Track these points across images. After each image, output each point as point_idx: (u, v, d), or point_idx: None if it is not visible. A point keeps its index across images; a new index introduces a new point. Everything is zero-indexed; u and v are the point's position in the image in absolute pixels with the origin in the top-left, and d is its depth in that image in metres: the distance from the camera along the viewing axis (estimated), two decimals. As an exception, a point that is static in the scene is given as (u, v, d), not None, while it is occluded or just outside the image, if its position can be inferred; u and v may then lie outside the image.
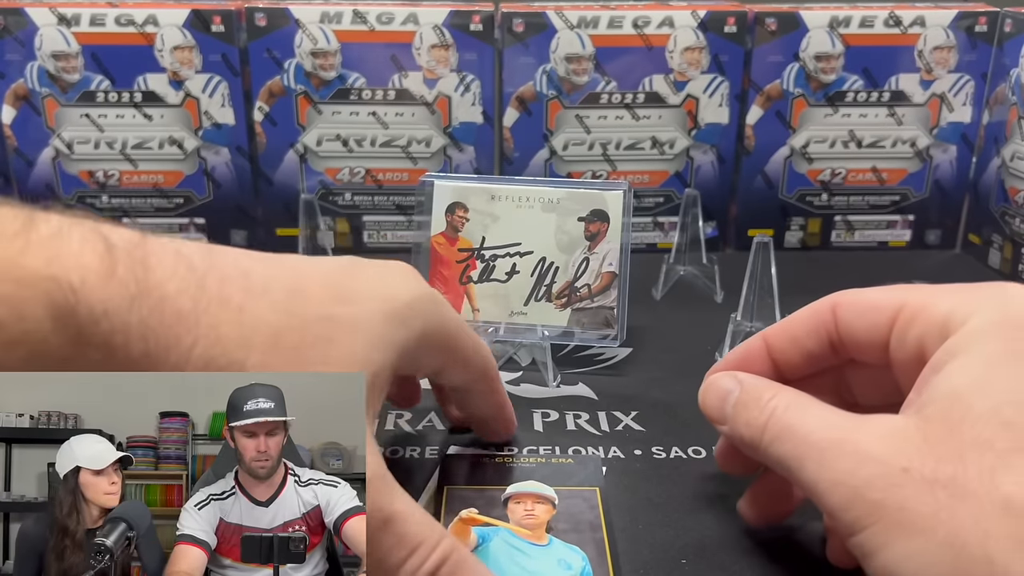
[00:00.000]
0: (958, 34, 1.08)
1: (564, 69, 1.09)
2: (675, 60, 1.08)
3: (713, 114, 1.11)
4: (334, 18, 1.07)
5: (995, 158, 1.09)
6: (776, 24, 1.08)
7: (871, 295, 0.50)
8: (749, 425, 0.49)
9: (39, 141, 1.11)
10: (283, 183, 1.13)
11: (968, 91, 1.10)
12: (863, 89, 1.10)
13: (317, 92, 1.09)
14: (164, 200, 1.14)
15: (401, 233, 1.16)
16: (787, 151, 1.13)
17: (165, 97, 1.09)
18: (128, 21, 1.06)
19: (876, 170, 1.14)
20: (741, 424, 0.50)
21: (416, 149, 1.12)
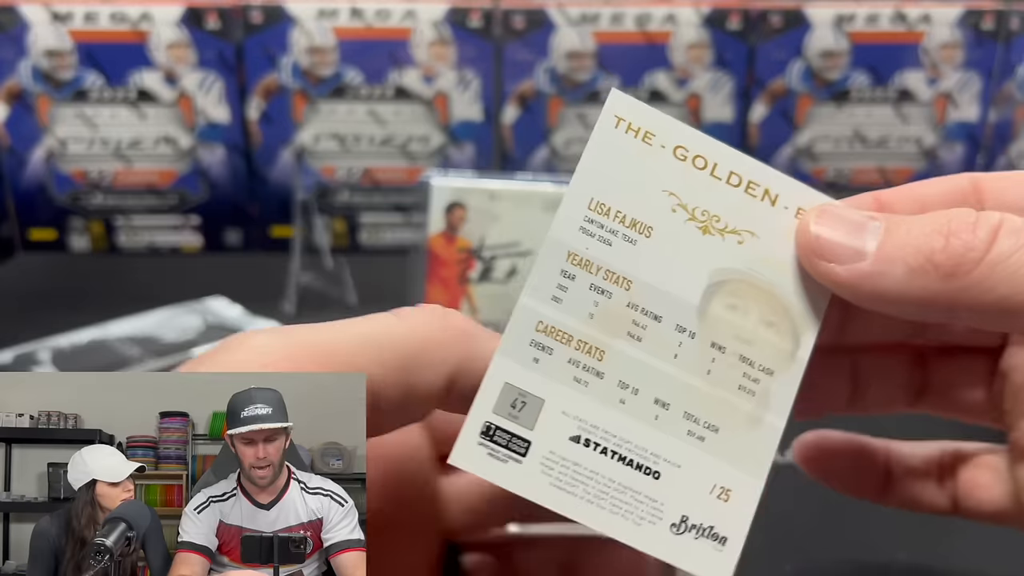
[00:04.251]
0: (964, 31, 1.07)
1: (565, 66, 1.07)
2: (678, 57, 1.07)
3: (717, 112, 1.10)
4: (331, 14, 1.05)
5: (1002, 156, 1.08)
6: (781, 21, 1.07)
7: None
8: (956, 254, 0.29)
9: (32, 140, 1.09)
10: (279, 182, 1.12)
11: (974, 89, 1.10)
12: (868, 87, 1.09)
13: (314, 89, 1.08)
14: (158, 199, 1.13)
15: (398, 233, 1.15)
16: (792, 149, 1.12)
17: (159, 95, 1.08)
18: (122, 18, 1.05)
19: (882, 169, 1.13)
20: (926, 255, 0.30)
21: (414, 147, 1.11)
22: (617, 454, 0.31)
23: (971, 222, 0.29)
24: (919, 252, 0.30)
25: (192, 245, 1.16)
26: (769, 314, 0.32)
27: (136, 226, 1.14)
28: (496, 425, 0.30)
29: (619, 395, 0.31)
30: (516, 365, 0.31)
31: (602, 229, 0.31)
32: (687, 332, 0.31)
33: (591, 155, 0.31)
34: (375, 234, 1.15)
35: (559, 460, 0.30)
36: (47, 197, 1.12)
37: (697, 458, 0.31)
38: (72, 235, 1.14)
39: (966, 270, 0.29)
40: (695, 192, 0.32)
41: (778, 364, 0.32)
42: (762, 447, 0.31)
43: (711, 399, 0.31)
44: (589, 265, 0.31)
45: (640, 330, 0.31)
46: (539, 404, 0.31)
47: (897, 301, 0.30)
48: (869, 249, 0.30)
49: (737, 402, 0.31)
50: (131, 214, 1.13)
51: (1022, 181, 0.34)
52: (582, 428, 0.31)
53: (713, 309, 0.32)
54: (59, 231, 1.14)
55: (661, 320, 0.31)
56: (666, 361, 0.31)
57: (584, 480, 0.30)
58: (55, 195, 1.12)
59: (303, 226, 0.97)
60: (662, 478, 0.31)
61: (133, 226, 1.14)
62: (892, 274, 0.30)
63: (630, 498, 0.30)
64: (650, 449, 0.31)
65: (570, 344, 0.31)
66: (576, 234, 0.31)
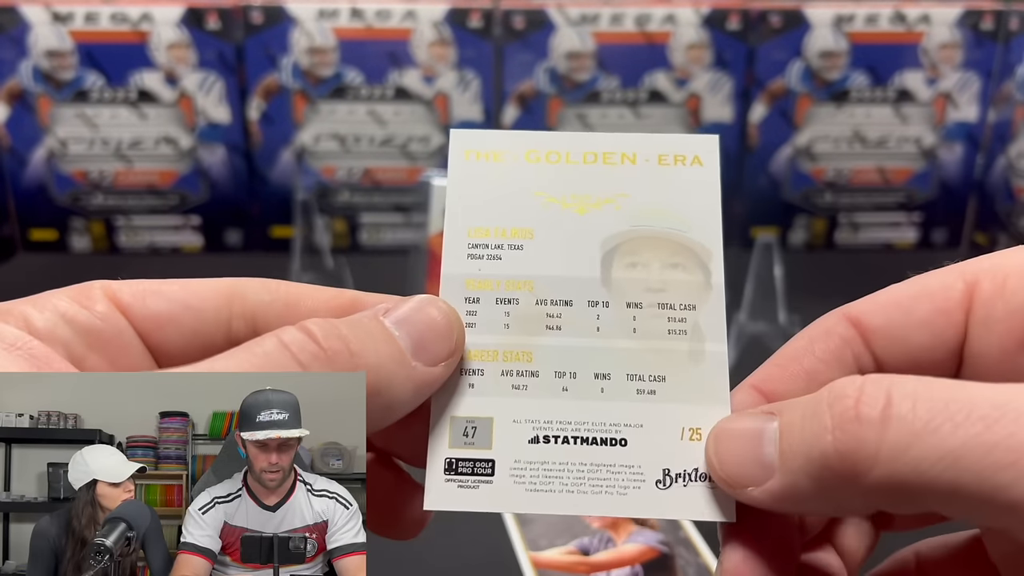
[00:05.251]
0: (964, 31, 1.07)
1: (565, 66, 1.07)
2: (677, 57, 1.07)
3: (716, 112, 1.10)
4: (331, 15, 1.05)
5: (1001, 157, 1.08)
6: (780, 21, 1.07)
7: (901, 291, 0.32)
8: (849, 455, 0.25)
9: (32, 140, 1.09)
10: (279, 182, 1.12)
11: (974, 89, 1.09)
12: (868, 87, 1.09)
13: (314, 89, 1.08)
14: (159, 200, 1.13)
15: (399, 233, 1.15)
16: (791, 150, 1.12)
17: (160, 95, 1.08)
18: (122, 18, 1.05)
19: (881, 170, 1.13)
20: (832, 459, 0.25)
21: (414, 147, 1.11)
22: (578, 438, 0.31)
23: (850, 406, 0.25)
24: (810, 460, 0.26)
25: (192, 245, 1.16)
26: (669, 257, 0.33)
27: (137, 226, 1.14)
28: (456, 458, 0.31)
29: (560, 384, 0.31)
30: (455, 397, 0.32)
31: (488, 248, 0.33)
32: (600, 304, 0.32)
33: (453, 190, 0.34)
34: (375, 234, 1.15)
35: (526, 465, 0.31)
36: (48, 197, 1.12)
37: (655, 411, 0.31)
38: (73, 235, 1.14)
39: (865, 469, 0.24)
40: (558, 183, 0.33)
41: (697, 297, 0.33)
42: (713, 375, 0.32)
43: (647, 353, 0.32)
44: (488, 283, 0.32)
45: (556, 320, 0.32)
46: (489, 423, 0.31)
47: (818, 510, 0.29)
48: (773, 461, 0.27)
49: (672, 346, 0.32)
50: (132, 214, 1.13)
51: (912, 304, 0.31)
52: (537, 428, 0.31)
53: (615, 274, 0.33)
54: (60, 231, 1.14)
55: (572, 304, 0.32)
56: (591, 337, 0.32)
57: (557, 474, 0.31)
58: (56, 195, 1.12)
59: (303, 226, 0.97)
60: (630, 443, 0.31)
61: (134, 226, 1.14)
62: (800, 486, 0.26)
63: (607, 473, 0.31)
64: (608, 421, 0.31)
65: (497, 359, 0.32)
66: (466, 262, 0.32)
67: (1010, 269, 0.30)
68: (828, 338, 0.31)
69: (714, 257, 0.33)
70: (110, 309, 0.32)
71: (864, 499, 0.25)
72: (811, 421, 0.26)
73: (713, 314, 0.33)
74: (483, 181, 0.34)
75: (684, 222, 0.33)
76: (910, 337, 0.31)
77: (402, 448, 0.35)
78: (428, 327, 0.30)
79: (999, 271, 0.30)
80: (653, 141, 0.34)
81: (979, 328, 0.30)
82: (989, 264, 0.30)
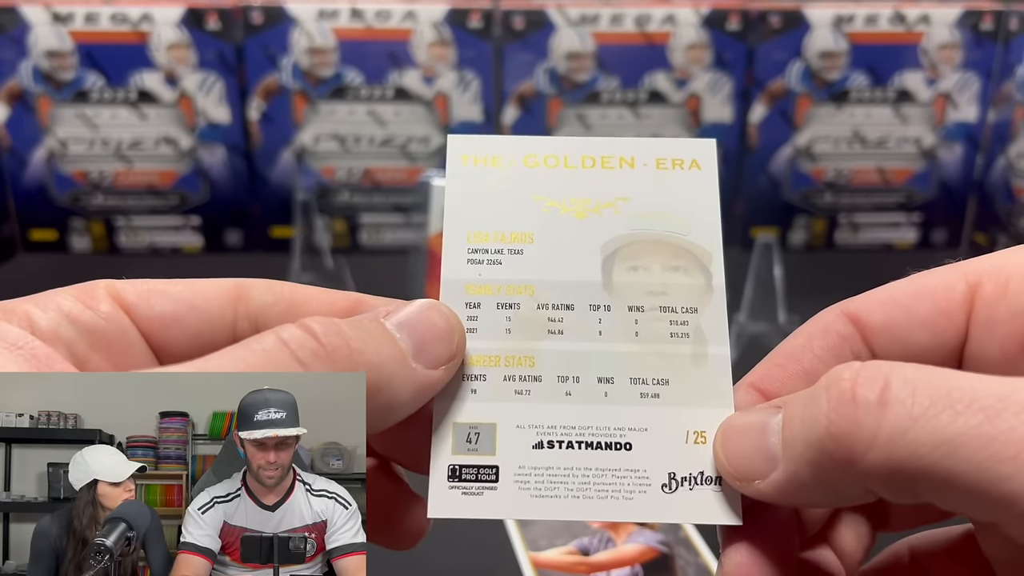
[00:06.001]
0: (964, 32, 1.07)
1: (565, 67, 1.07)
2: (677, 58, 1.07)
3: (716, 112, 1.10)
4: (331, 15, 1.05)
5: (1001, 157, 1.08)
6: (780, 21, 1.07)
7: (901, 289, 0.32)
8: (845, 437, 0.25)
9: (33, 140, 1.09)
10: (279, 182, 1.12)
11: (974, 89, 1.10)
12: (868, 87, 1.09)
13: (314, 90, 1.08)
14: (159, 200, 1.13)
15: (399, 233, 1.15)
16: (791, 150, 1.12)
17: (160, 95, 1.08)
18: (122, 19, 1.05)
19: (881, 170, 1.13)
20: (829, 451, 0.25)
21: (414, 148, 1.11)
22: (583, 442, 0.31)
23: (847, 388, 0.25)
24: (809, 446, 0.26)
25: (192, 245, 1.16)
26: (670, 260, 0.33)
27: (137, 227, 1.14)
28: (460, 464, 0.31)
29: (563, 389, 0.31)
30: (457, 403, 0.31)
31: (487, 253, 0.33)
32: (602, 308, 0.32)
33: (452, 196, 0.33)
34: (375, 234, 1.15)
35: (531, 471, 0.31)
36: (48, 197, 1.12)
37: (659, 415, 0.31)
38: (73, 235, 1.14)
39: (861, 452, 0.24)
40: (557, 187, 0.33)
41: (698, 300, 0.33)
42: (716, 378, 0.32)
43: (650, 357, 0.32)
44: (488, 288, 0.32)
45: (558, 324, 0.32)
46: (492, 429, 0.31)
47: (819, 500, 0.28)
48: (776, 452, 0.27)
49: (675, 349, 0.32)
50: (132, 215, 1.13)
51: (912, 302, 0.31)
52: (541, 433, 0.31)
53: (616, 277, 0.33)
54: (60, 231, 1.14)
55: (574, 308, 0.32)
56: (593, 341, 0.32)
57: (562, 479, 0.31)
58: (56, 195, 1.12)
59: (303, 226, 0.97)
60: (635, 447, 0.31)
61: (134, 227, 1.14)
62: (801, 474, 0.27)
63: (612, 478, 0.31)
64: (612, 425, 0.31)
65: (499, 364, 0.32)
66: (466, 267, 0.32)
67: (1012, 270, 0.30)
68: (826, 335, 0.32)
69: (714, 260, 0.33)
70: (114, 309, 0.32)
71: (860, 483, 0.25)
72: (810, 407, 0.26)
73: (715, 317, 0.33)
74: (481, 186, 0.34)
75: (684, 225, 0.33)
76: (910, 336, 0.31)
77: (404, 454, 0.35)
78: (429, 330, 0.30)
79: (1001, 272, 0.30)
80: (651, 145, 0.34)
81: (981, 330, 0.30)
82: (991, 264, 0.30)
